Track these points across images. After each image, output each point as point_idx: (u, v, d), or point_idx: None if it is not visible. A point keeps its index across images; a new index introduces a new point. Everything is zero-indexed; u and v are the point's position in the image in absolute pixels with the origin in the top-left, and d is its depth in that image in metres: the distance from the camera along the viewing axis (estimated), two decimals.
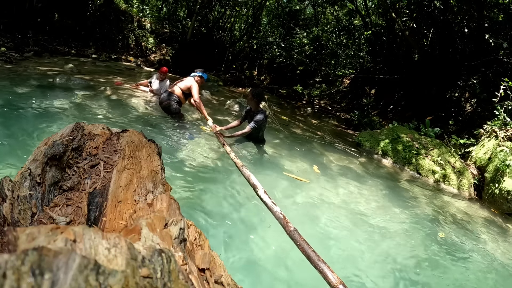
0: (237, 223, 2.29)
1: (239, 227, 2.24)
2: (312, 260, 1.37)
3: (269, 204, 1.92)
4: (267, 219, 2.46)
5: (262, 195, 2.07)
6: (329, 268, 1.32)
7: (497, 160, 4.86)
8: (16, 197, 0.92)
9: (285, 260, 2.02)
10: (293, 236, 1.55)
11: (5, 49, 6.79)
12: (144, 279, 0.43)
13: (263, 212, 2.53)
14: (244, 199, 2.64)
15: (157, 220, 0.78)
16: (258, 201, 2.66)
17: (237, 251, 1.98)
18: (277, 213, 1.80)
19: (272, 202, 1.94)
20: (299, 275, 1.92)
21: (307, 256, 1.41)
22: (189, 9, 14.51)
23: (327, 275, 1.29)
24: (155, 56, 12.23)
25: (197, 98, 4.37)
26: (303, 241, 1.49)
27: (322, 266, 1.33)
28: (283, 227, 1.67)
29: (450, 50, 9.12)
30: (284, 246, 2.15)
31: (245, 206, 2.55)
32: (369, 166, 4.96)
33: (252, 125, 3.62)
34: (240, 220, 2.34)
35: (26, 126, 2.99)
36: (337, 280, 1.26)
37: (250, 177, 2.33)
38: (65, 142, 1.13)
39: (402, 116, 9.06)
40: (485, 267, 2.62)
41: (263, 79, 17.04)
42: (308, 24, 16.05)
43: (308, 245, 1.46)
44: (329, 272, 1.29)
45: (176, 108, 4.45)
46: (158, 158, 1.27)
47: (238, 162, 2.72)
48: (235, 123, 4.02)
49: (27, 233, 0.39)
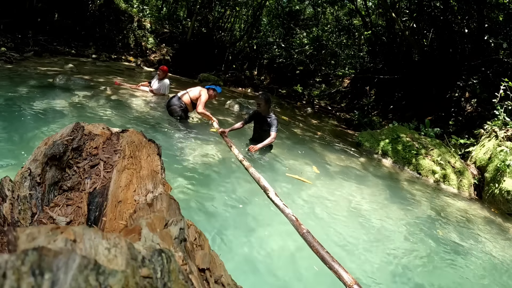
0: (237, 223, 2.29)
1: (240, 227, 2.24)
2: (326, 261, 1.38)
3: (281, 206, 1.91)
4: (267, 219, 2.46)
5: (273, 197, 2.05)
6: (343, 268, 1.32)
7: (497, 160, 4.86)
8: (16, 197, 0.92)
9: (286, 260, 2.02)
10: (306, 238, 1.55)
11: (5, 49, 6.79)
12: (144, 279, 0.43)
13: (264, 212, 2.53)
14: (244, 200, 2.64)
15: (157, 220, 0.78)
16: (259, 201, 2.66)
17: (238, 251, 1.98)
18: (290, 215, 1.78)
19: (283, 204, 1.92)
20: (299, 275, 1.92)
21: (321, 257, 1.41)
22: (189, 9, 14.52)
23: (341, 275, 1.29)
24: (155, 56, 12.24)
25: (201, 109, 4.23)
26: (317, 242, 1.49)
27: (337, 267, 1.33)
28: (296, 229, 1.66)
29: (450, 50, 9.12)
30: (285, 246, 2.15)
31: (246, 206, 2.55)
32: (369, 166, 4.96)
33: (275, 129, 3.58)
34: (241, 220, 2.34)
35: (26, 126, 2.99)
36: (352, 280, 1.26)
37: (260, 180, 2.31)
38: (65, 142, 1.13)
39: (402, 116, 9.06)
40: (485, 267, 2.62)
41: (263, 79, 17.05)
42: (308, 24, 16.07)
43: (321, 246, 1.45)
44: (344, 272, 1.30)
45: (180, 115, 4.37)
46: (158, 158, 1.27)
47: (247, 164, 2.69)
48: (238, 125, 3.97)
49: (27, 233, 0.39)
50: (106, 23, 10.94)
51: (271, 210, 2.56)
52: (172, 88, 6.61)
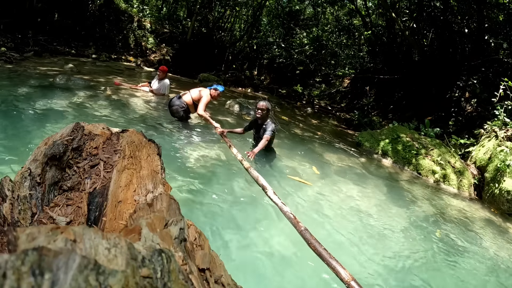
0: (237, 223, 2.29)
1: (240, 227, 2.24)
2: (324, 258, 1.39)
3: (279, 204, 1.92)
4: (267, 218, 2.46)
5: (271, 195, 2.06)
6: (340, 265, 1.34)
7: (497, 160, 4.86)
8: (16, 197, 0.92)
9: (286, 260, 2.02)
10: (304, 235, 1.56)
11: (5, 49, 6.79)
12: (144, 279, 0.43)
13: (264, 213, 2.53)
14: (245, 200, 2.65)
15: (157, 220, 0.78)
16: (258, 201, 2.66)
17: (238, 251, 1.98)
18: (288, 213, 1.79)
19: (281, 202, 1.94)
20: (299, 275, 1.92)
21: (319, 254, 1.43)
22: (189, 9, 14.52)
23: (339, 272, 1.31)
24: (155, 56, 12.24)
25: (201, 111, 4.12)
26: (314, 239, 1.50)
27: (334, 264, 1.35)
28: (294, 226, 1.67)
29: (450, 50, 9.12)
30: (285, 246, 2.15)
31: (246, 206, 2.55)
32: (369, 166, 4.96)
33: (269, 132, 3.47)
34: (241, 220, 2.34)
35: (26, 126, 2.99)
36: (349, 276, 1.28)
37: (258, 178, 2.32)
38: (65, 142, 1.13)
39: (402, 116, 9.06)
40: (484, 267, 2.62)
41: (263, 79, 17.05)
42: (308, 24, 16.07)
43: (319, 243, 1.48)
44: (341, 269, 1.32)
45: (181, 116, 4.34)
46: (158, 158, 1.27)
47: (246, 163, 2.71)
48: (239, 130, 3.97)
49: (27, 233, 0.39)
50: (106, 23, 10.94)
51: (271, 210, 2.56)
52: (172, 88, 6.61)
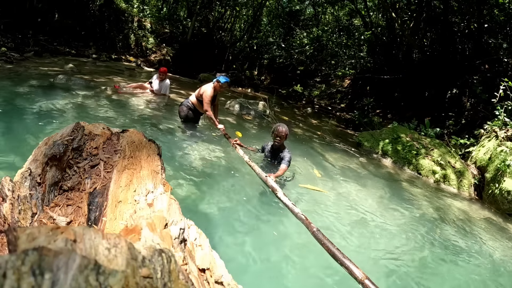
0: (238, 223, 2.29)
1: (240, 227, 2.24)
2: (338, 257, 1.41)
3: (290, 206, 1.91)
4: (267, 218, 2.46)
5: (281, 197, 2.05)
6: (354, 264, 1.35)
7: (498, 160, 4.85)
8: (17, 197, 0.92)
9: (287, 260, 2.02)
10: (317, 236, 1.57)
11: (5, 49, 6.79)
12: (144, 279, 0.43)
13: (264, 212, 2.53)
14: (245, 200, 2.64)
15: (157, 220, 0.78)
16: (258, 201, 2.66)
17: (238, 251, 1.98)
18: (299, 214, 1.79)
19: (292, 203, 1.93)
20: (299, 275, 1.92)
21: (332, 254, 1.44)
22: (189, 9, 14.52)
23: (353, 271, 1.32)
24: (155, 56, 12.24)
25: (205, 108, 3.97)
26: (327, 240, 1.51)
27: (348, 263, 1.36)
28: (307, 227, 1.67)
29: (450, 50, 9.12)
30: (286, 246, 2.15)
31: (247, 206, 2.55)
32: (369, 166, 4.96)
33: (287, 163, 3.12)
34: (241, 220, 2.34)
35: (26, 126, 2.99)
36: (363, 275, 1.29)
37: (268, 180, 2.31)
38: (65, 142, 1.13)
39: (402, 116, 9.06)
40: (485, 267, 2.62)
41: (263, 79, 17.06)
42: (308, 24, 16.07)
43: (332, 244, 1.49)
44: (355, 268, 1.33)
45: (186, 115, 4.25)
46: (158, 158, 1.27)
47: (254, 165, 2.68)
48: (252, 148, 3.68)
49: (27, 233, 0.39)
50: (107, 23, 10.94)
51: (272, 210, 2.56)
52: (172, 88, 6.61)
